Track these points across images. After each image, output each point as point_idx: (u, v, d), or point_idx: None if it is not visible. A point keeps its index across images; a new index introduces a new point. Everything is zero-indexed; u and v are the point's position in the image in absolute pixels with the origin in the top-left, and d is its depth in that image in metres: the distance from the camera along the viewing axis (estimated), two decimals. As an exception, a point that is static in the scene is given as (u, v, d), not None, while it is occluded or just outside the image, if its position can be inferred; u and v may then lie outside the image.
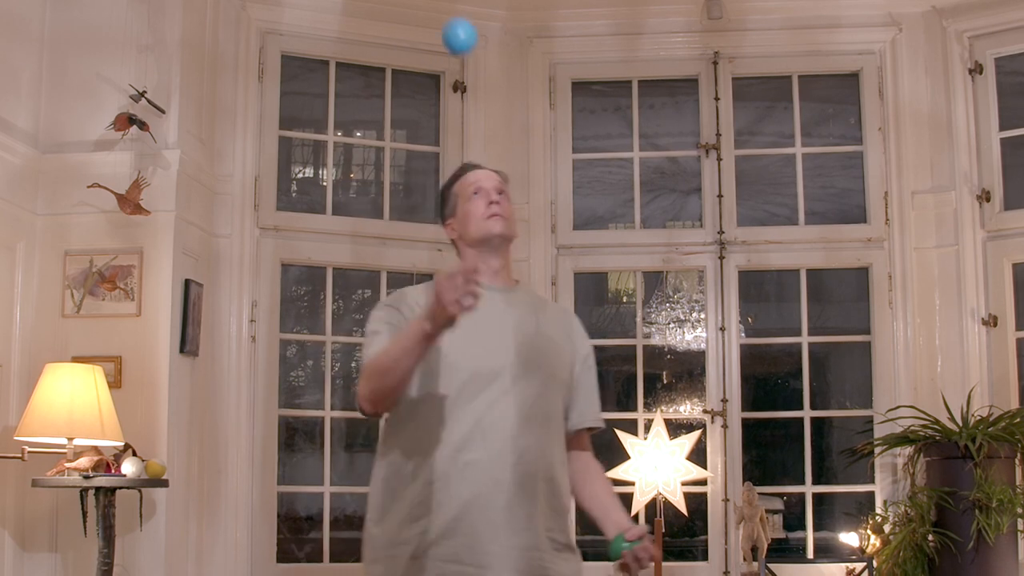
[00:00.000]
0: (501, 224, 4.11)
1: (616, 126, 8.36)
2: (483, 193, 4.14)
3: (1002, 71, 7.76)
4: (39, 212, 6.68)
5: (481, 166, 4.31)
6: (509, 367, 3.94)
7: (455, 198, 4.20)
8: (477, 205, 4.12)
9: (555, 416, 4.05)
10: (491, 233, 4.10)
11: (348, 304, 8.17)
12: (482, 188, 4.15)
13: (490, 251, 4.14)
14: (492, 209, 4.10)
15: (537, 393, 3.97)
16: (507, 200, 4.18)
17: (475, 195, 4.14)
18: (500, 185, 4.20)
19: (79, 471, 5.99)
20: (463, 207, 4.15)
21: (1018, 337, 7.51)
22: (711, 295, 7.91)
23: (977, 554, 6.76)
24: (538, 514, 3.89)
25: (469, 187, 4.17)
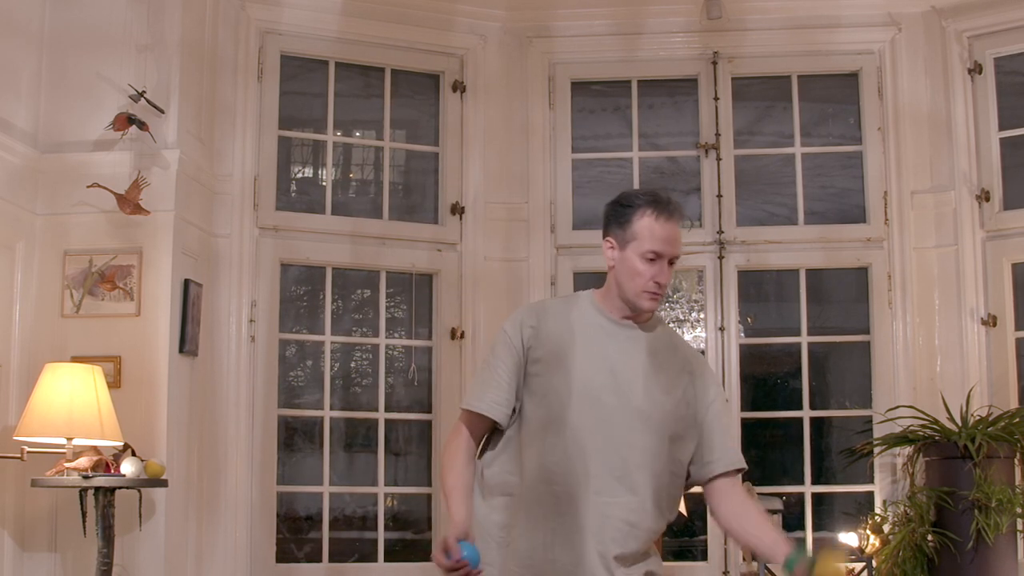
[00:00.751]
0: (654, 305, 4.07)
1: (615, 126, 8.36)
2: (659, 263, 4.02)
3: (1001, 71, 7.77)
4: (39, 212, 6.68)
5: (673, 209, 4.08)
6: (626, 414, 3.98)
7: (632, 235, 4.04)
8: (645, 273, 4.02)
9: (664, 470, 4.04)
10: (640, 308, 4.07)
11: (347, 304, 8.17)
12: (661, 257, 4.02)
13: (630, 307, 4.11)
14: (655, 288, 4.03)
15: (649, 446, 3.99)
16: (671, 271, 4.10)
17: (651, 261, 4.02)
18: (679, 249, 4.09)
19: (78, 471, 5.99)
20: (633, 255, 4.03)
21: (1017, 337, 7.51)
22: (710, 295, 7.91)
23: (976, 554, 6.76)
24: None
25: (650, 244, 4.02)
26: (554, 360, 4.02)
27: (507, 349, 4.07)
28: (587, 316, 4.12)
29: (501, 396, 4.03)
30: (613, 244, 4.10)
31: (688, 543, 8.02)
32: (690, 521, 7.74)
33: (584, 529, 3.91)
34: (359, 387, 8.13)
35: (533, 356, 4.04)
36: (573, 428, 3.93)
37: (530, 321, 4.09)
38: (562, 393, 3.97)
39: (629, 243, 4.04)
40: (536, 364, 4.03)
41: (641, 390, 4.00)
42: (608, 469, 3.93)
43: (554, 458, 3.93)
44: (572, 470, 3.91)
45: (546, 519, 3.94)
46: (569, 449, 3.92)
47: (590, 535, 3.91)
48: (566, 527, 3.92)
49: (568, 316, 4.12)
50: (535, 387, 4.02)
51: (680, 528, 7.95)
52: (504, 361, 4.05)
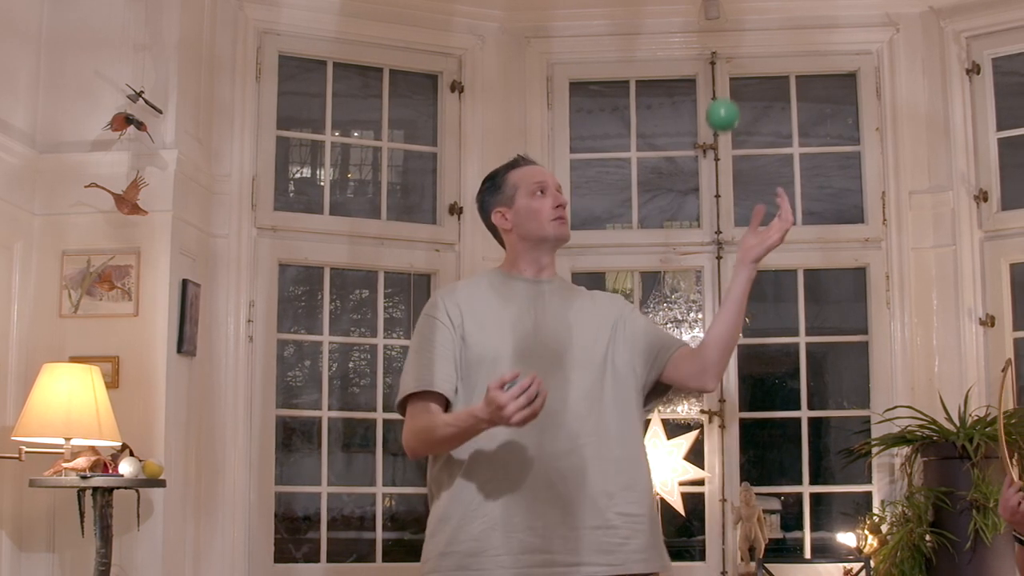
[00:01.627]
0: (565, 228, 4.24)
1: (613, 126, 8.36)
2: (550, 194, 4.23)
3: (999, 71, 7.76)
4: (36, 212, 6.68)
5: (536, 162, 4.39)
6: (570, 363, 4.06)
7: (513, 189, 4.27)
8: (543, 204, 4.22)
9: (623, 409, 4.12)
10: (557, 236, 4.22)
11: (346, 304, 8.17)
12: (548, 188, 4.24)
13: (546, 249, 4.26)
14: (559, 212, 4.21)
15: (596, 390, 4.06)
16: (565, 200, 4.29)
17: (541, 193, 4.22)
18: (559, 185, 4.31)
19: (76, 471, 5.99)
20: (525, 202, 4.24)
21: (1015, 337, 7.51)
22: (708, 295, 7.92)
23: (974, 554, 6.77)
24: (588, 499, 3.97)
25: (532, 182, 4.25)
26: (484, 331, 4.06)
27: (437, 330, 4.07)
28: (500, 284, 4.21)
29: (446, 371, 4.02)
30: (502, 210, 4.28)
31: (686, 543, 8.02)
32: (688, 521, 7.75)
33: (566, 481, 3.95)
34: (357, 387, 8.14)
35: (465, 332, 4.06)
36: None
37: (450, 301, 4.12)
38: (502, 358, 4.00)
39: (515, 195, 4.25)
40: (470, 338, 4.05)
41: (575, 335, 4.09)
42: (569, 423, 3.97)
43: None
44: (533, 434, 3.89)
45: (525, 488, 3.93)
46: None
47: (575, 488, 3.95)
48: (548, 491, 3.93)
49: (483, 289, 4.19)
50: (474, 359, 4.03)
51: (678, 528, 7.95)
52: (437, 341, 4.05)
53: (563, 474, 3.95)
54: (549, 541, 3.91)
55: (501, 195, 4.28)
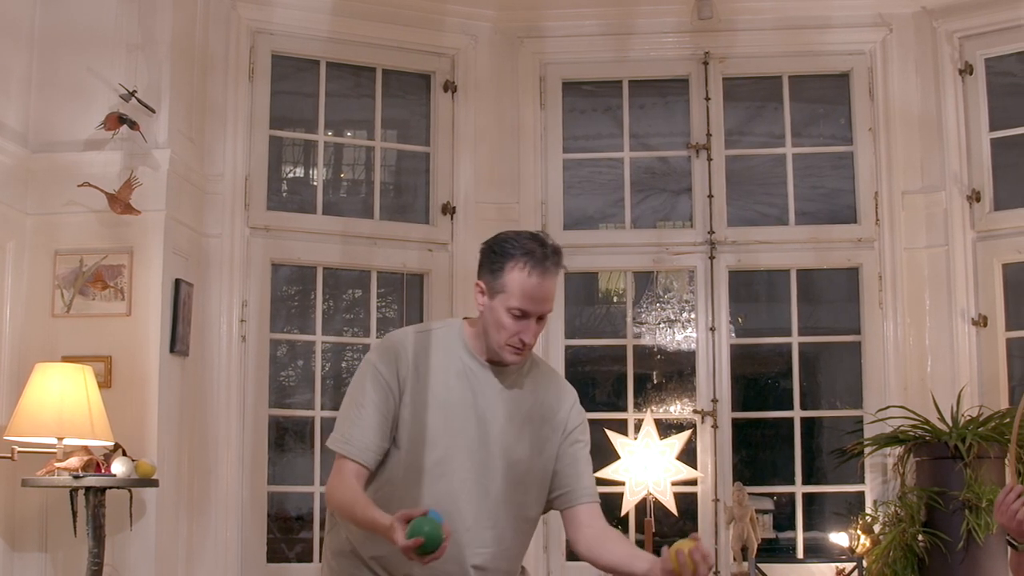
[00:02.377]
0: (516, 359, 3.95)
1: (606, 126, 8.36)
2: (524, 324, 3.88)
3: (992, 71, 7.77)
4: (29, 211, 6.67)
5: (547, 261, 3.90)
6: (491, 460, 3.95)
7: (502, 286, 3.89)
8: (511, 328, 3.88)
9: (528, 515, 4.07)
10: (503, 360, 3.96)
11: (338, 304, 8.17)
12: (528, 315, 3.87)
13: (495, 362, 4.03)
14: (517, 347, 3.91)
15: (518, 493, 3.99)
16: (542, 326, 3.95)
17: (516, 318, 3.87)
18: (550, 307, 3.92)
19: (69, 471, 5.98)
20: (500, 307, 3.89)
21: (1008, 337, 7.52)
22: (701, 295, 7.91)
23: (967, 554, 6.77)
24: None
25: (517, 300, 3.86)
26: (424, 403, 3.92)
27: (379, 389, 3.92)
28: (456, 356, 4.01)
29: (372, 441, 3.89)
30: (483, 290, 3.97)
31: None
32: (680, 521, 7.75)
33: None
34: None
35: (405, 399, 3.92)
36: (445, 476, 3.89)
37: (402, 360, 3.95)
38: (435, 439, 3.90)
39: (498, 294, 3.90)
40: (407, 407, 3.92)
41: (509, 440, 3.97)
42: (479, 518, 3.92)
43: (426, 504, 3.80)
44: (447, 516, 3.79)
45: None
46: (440, 497, 3.85)
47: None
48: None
49: (439, 354, 4.00)
50: (405, 430, 3.92)
51: (670, 528, 7.95)
52: (375, 402, 3.90)
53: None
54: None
55: (492, 278, 3.93)
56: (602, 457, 7.35)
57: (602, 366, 8.37)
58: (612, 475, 7.41)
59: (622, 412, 7.95)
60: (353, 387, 4.00)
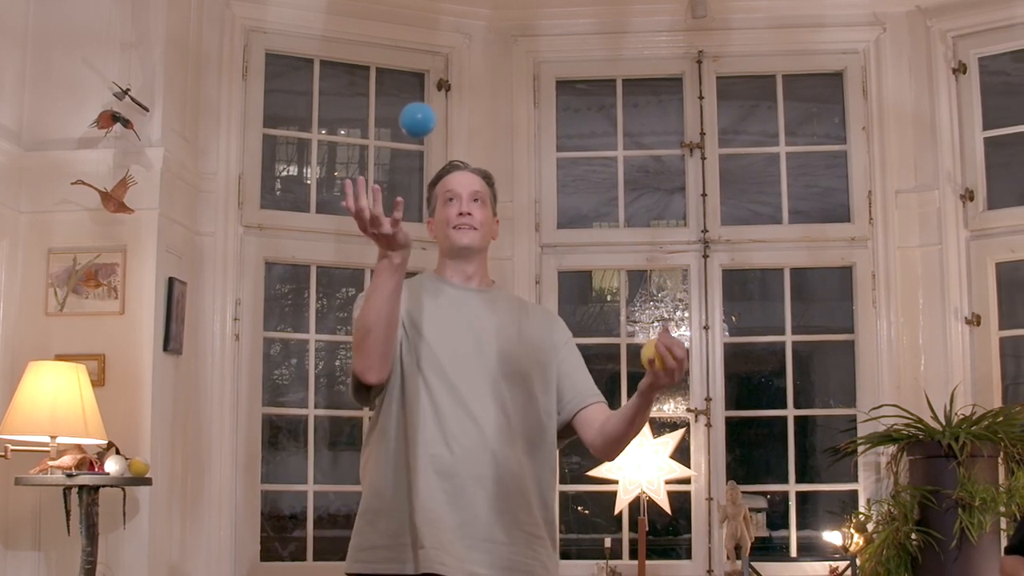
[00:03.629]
0: (467, 237, 4.13)
1: (600, 125, 8.36)
2: (456, 200, 4.15)
3: (986, 71, 7.78)
4: (23, 210, 6.67)
5: (465, 166, 4.28)
6: (489, 373, 4.00)
7: (435, 199, 4.23)
8: (449, 213, 4.15)
9: (541, 425, 4.08)
10: (455, 246, 4.13)
11: (332, 302, 8.17)
12: (456, 195, 4.16)
13: (461, 259, 4.17)
14: (460, 220, 4.12)
15: (522, 402, 4.03)
16: (482, 207, 4.18)
17: (449, 201, 4.16)
18: (477, 190, 4.18)
19: (62, 469, 5.98)
20: (439, 208, 4.20)
21: (1001, 336, 7.53)
22: (695, 294, 7.92)
23: (960, 553, 6.77)
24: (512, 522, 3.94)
25: (445, 190, 4.19)
26: (417, 333, 4.01)
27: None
28: (433, 288, 4.14)
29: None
30: (430, 221, 4.28)
31: (672, 541, 8.03)
32: (674, 520, 7.75)
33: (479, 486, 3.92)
34: (343, 385, 8.12)
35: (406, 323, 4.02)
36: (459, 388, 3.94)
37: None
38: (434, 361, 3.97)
39: (435, 207, 4.23)
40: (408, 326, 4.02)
41: (500, 345, 4.05)
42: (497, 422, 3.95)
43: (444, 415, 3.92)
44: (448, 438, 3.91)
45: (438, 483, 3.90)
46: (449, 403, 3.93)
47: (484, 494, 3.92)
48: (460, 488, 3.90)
49: (415, 291, 4.10)
50: (412, 347, 4.00)
51: (664, 527, 7.96)
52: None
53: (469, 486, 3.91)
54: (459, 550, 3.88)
55: (430, 206, 4.28)
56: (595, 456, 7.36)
57: (596, 365, 8.31)
58: (605, 474, 7.41)
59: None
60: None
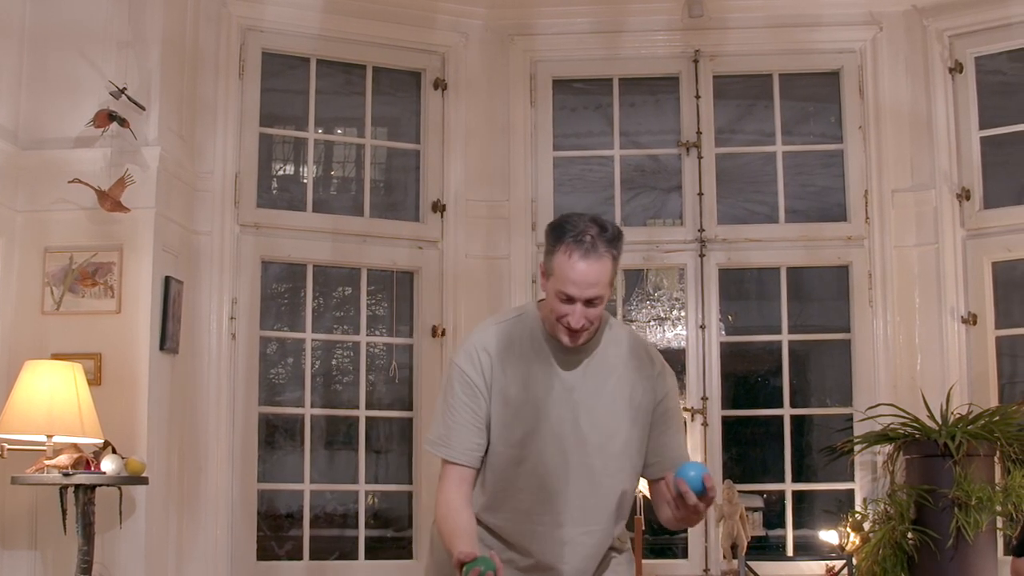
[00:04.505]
0: (572, 344, 3.94)
1: (597, 124, 8.36)
2: (570, 308, 3.86)
3: (982, 70, 7.78)
4: (19, 208, 6.66)
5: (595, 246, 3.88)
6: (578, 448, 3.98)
7: (552, 267, 3.89)
8: (559, 311, 3.87)
9: (623, 492, 4.08)
10: (562, 343, 3.95)
11: (328, 301, 8.17)
12: (571, 299, 3.85)
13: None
14: (569, 332, 3.89)
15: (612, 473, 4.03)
16: (599, 304, 3.89)
17: (563, 302, 3.86)
18: (598, 295, 3.87)
19: (59, 468, 5.97)
20: (552, 288, 3.89)
21: (997, 335, 7.54)
22: (691, 293, 7.92)
23: (956, 552, 6.77)
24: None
25: (561, 281, 3.84)
26: (515, 394, 3.98)
27: (468, 388, 4.00)
28: (536, 341, 4.04)
29: (470, 440, 3.99)
30: (543, 271, 3.98)
31: (668, 541, 8.03)
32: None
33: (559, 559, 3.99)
34: (340, 384, 8.14)
35: (495, 392, 3.99)
36: (544, 465, 3.95)
37: (486, 356, 4.02)
38: (529, 428, 3.95)
39: (551, 276, 3.91)
40: (497, 403, 3.99)
41: (599, 415, 4.00)
42: (579, 502, 3.97)
43: (526, 495, 3.98)
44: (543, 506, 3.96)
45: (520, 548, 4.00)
46: (540, 487, 3.96)
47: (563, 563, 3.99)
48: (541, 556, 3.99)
49: (519, 343, 4.04)
50: (500, 424, 3.99)
51: (660, 525, 7.95)
52: (466, 403, 4.00)
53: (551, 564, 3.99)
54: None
55: (547, 259, 3.93)
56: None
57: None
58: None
59: (612, 410, 7.94)
60: (444, 392, 4.08)
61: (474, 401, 3.99)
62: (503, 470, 4.00)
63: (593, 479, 3.99)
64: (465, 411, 3.99)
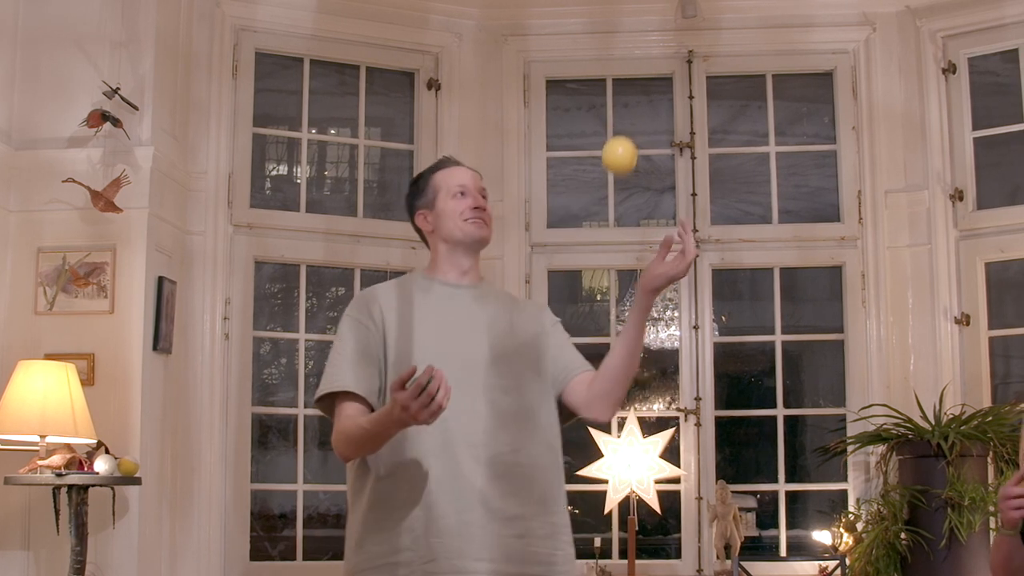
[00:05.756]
0: (484, 229, 4.14)
1: (590, 124, 8.36)
2: (470, 195, 4.14)
3: (975, 71, 7.79)
4: (12, 209, 6.65)
5: (462, 163, 4.29)
6: (483, 366, 3.96)
7: (434, 191, 4.18)
8: (462, 205, 4.13)
9: (534, 409, 4.03)
10: (474, 237, 4.13)
11: (322, 302, 8.16)
12: (468, 189, 4.15)
13: (464, 251, 4.16)
14: (478, 213, 4.12)
15: (513, 389, 3.98)
16: (487, 203, 4.19)
17: (461, 195, 4.13)
18: (483, 188, 4.21)
19: (51, 469, 5.97)
20: (445, 203, 4.14)
21: (990, 336, 7.54)
22: (685, 293, 7.92)
23: (949, 552, 6.78)
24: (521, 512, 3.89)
25: (453, 184, 4.16)
26: (404, 333, 3.97)
27: (358, 330, 3.97)
28: (423, 287, 4.11)
29: (366, 372, 3.91)
30: (424, 212, 4.21)
31: (661, 541, 8.04)
32: (664, 519, 7.76)
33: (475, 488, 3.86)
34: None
35: (389, 340, 3.96)
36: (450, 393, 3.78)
37: (372, 301, 4.02)
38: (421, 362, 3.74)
39: (436, 197, 4.18)
40: (392, 346, 3.95)
41: (491, 339, 4.02)
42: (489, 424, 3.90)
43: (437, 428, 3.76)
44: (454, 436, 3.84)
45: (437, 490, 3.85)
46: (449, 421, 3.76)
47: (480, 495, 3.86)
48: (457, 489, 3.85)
49: (406, 291, 4.08)
50: (395, 361, 3.92)
51: (654, 526, 7.97)
52: (359, 341, 3.95)
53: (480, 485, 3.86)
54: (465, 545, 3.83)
55: (424, 197, 4.21)
56: (585, 455, 7.37)
57: (585, 365, 8.36)
58: (595, 473, 7.41)
59: (606, 410, 7.94)
60: (335, 343, 4.03)
61: (365, 338, 3.95)
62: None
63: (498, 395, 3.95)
64: (355, 348, 3.95)
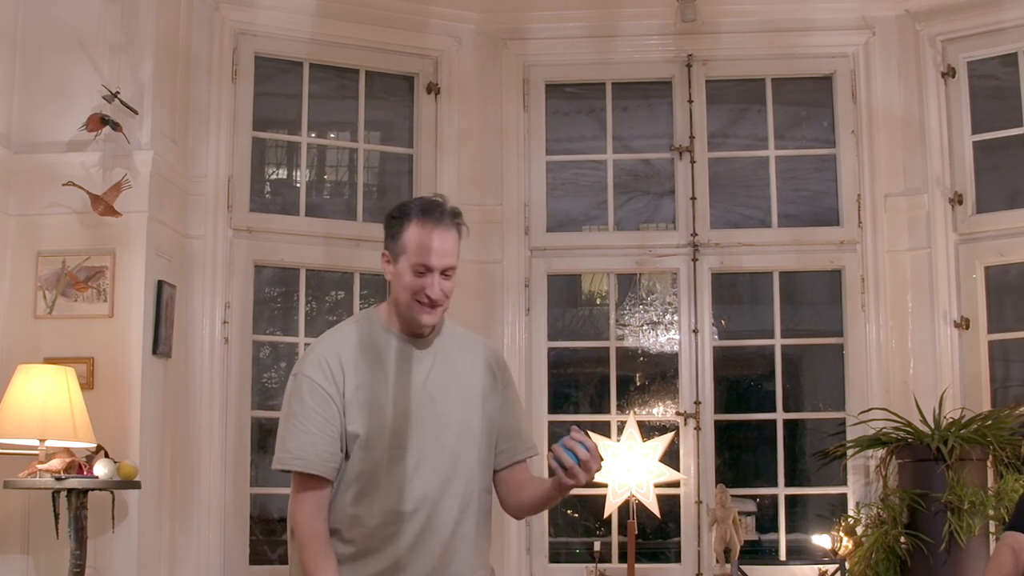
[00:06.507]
0: (432, 319, 4.00)
1: (590, 128, 8.36)
2: (429, 278, 3.93)
3: (975, 74, 7.79)
4: (11, 213, 6.65)
5: (443, 216, 3.98)
6: (434, 432, 3.94)
7: (403, 246, 3.95)
8: (418, 284, 3.93)
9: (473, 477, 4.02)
10: (417, 323, 3.99)
11: (321, 305, 8.16)
12: (431, 269, 3.93)
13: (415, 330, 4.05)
14: (428, 305, 3.96)
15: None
16: (452, 277, 4.00)
17: (420, 275, 3.93)
18: (452, 265, 3.98)
19: (51, 473, 5.97)
20: (405, 269, 3.95)
21: (990, 340, 7.54)
22: (684, 297, 7.92)
23: (949, 556, 6.78)
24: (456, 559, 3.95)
25: (420, 257, 3.93)
26: (367, 397, 3.91)
27: (321, 399, 3.89)
28: (380, 340, 4.02)
29: (330, 450, 3.87)
30: (388, 258, 4.02)
31: (661, 545, 8.03)
32: (663, 523, 7.75)
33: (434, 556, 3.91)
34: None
35: (348, 399, 3.89)
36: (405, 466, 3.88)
37: (336, 367, 3.92)
38: (384, 430, 3.88)
39: (400, 256, 3.96)
40: (352, 405, 3.90)
41: (455, 405, 3.99)
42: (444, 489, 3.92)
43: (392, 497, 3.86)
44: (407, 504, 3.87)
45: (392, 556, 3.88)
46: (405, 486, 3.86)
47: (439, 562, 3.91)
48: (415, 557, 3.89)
49: (365, 345, 3.99)
50: (358, 432, 3.88)
51: (653, 530, 7.96)
52: (321, 412, 3.88)
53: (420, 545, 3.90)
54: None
55: (394, 241, 3.98)
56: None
57: (585, 368, 8.36)
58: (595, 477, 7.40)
59: (605, 414, 7.95)
60: (290, 405, 3.94)
61: (327, 410, 3.88)
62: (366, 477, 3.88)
63: (457, 472, 3.94)
64: (319, 420, 3.87)
